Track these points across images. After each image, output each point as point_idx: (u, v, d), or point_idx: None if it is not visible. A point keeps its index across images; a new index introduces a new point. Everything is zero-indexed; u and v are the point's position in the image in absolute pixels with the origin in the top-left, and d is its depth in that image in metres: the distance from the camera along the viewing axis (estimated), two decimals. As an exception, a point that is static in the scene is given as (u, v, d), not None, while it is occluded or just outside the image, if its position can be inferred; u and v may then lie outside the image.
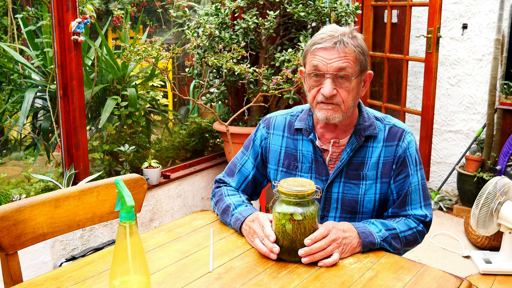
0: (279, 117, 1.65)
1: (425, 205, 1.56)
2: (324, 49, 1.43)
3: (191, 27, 3.14)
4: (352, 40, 1.44)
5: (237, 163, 1.70)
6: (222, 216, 1.57)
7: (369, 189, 1.53)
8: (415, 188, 1.54)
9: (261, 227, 1.38)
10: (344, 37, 1.43)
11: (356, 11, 3.15)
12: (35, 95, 3.11)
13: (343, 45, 1.42)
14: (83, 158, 2.69)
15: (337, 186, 1.54)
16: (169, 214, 3.21)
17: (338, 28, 1.47)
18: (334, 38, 1.43)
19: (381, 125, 1.56)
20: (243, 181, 1.67)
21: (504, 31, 3.69)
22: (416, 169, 1.55)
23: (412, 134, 1.57)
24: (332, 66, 1.42)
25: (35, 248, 2.47)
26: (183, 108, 4.53)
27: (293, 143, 1.60)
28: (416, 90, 4.13)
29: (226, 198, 1.60)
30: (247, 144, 1.70)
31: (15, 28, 3.51)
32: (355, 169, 1.53)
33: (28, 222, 1.38)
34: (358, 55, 1.45)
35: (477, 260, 2.98)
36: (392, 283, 1.23)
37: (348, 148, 1.52)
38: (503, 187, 2.77)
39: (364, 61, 1.47)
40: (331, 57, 1.42)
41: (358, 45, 1.45)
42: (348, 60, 1.43)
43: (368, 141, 1.54)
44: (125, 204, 1.06)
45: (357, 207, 1.54)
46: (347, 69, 1.43)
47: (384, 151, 1.53)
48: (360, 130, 1.53)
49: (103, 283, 1.22)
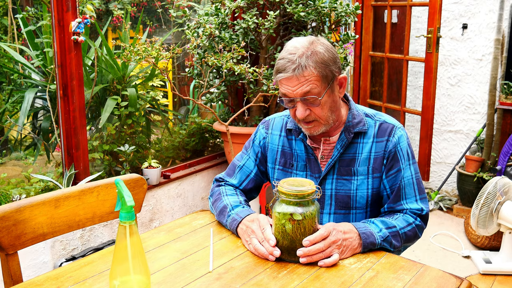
0: (277, 118, 1.71)
1: (420, 199, 1.57)
2: (286, 78, 1.45)
3: (191, 27, 3.14)
4: (310, 59, 1.43)
5: (237, 163, 1.73)
6: (218, 217, 1.58)
7: (361, 185, 1.55)
8: (408, 182, 1.55)
9: (261, 229, 1.38)
10: (302, 59, 1.43)
11: (356, 11, 3.15)
12: (35, 95, 3.11)
13: (301, 70, 1.43)
14: (83, 158, 2.69)
15: (330, 182, 1.57)
16: (169, 214, 3.21)
17: (297, 47, 1.46)
18: (292, 63, 1.43)
19: (371, 122, 1.58)
20: (244, 179, 1.70)
21: (504, 31, 3.69)
22: (409, 163, 1.56)
23: (403, 129, 1.59)
24: (297, 92, 1.45)
25: (35, 248, 2.47)
26: (183, 108, 4.53)
27: (288, 143, 1.65)
28: (416, 90, 4.13)
29: (224, 198, 1.61)
30: (247, 145, 1.74)
31: (15, 28, 3.51)
32: (347, 165, 1.56)
33: (28, 222, 1.38)
34: (320, 73, 1.44)
35: (477, 260, 2.98)
36: (392, 283, 1.23)
37: (338, 145, 1.56)
38: (503, 187, 2.77)
39: (329, 73, 1.46)
40: (293, 84, 1.45)
41: (319, 61, 1.44)
42: (310, 82, 1.44)
43: (358, 137, 1.57)
44: (125, 204, 1.06)
45: (350, 202, 1.56)
46: (312, 91, 1.44)
47: (374, 147, 1.55)
48: (349, 127, 1.56)
49: (103, 283, 1.22)
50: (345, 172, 1.56)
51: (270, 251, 1.32)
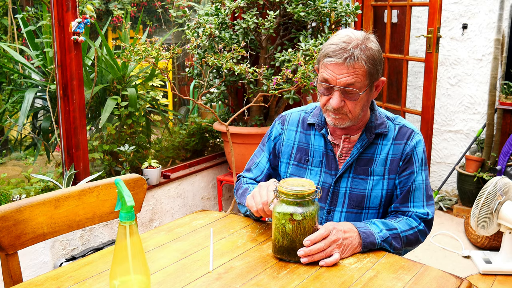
0: (294, 114, 1.72)
1: (427, 205, 1.58)
2: (335, 64, 1.44)
3: (191, 27, 3.14)
4: (364, 53, 1.44)
5: (255, 159, 1.77)
6: (240, 199, 1.65)
7: (377, 185, 1.56)
8: (419, 186, 1.56)
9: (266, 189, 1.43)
10: (356, 50, 1.43)
11: (356, 11, 3.15)
12: (35, 95, 3.11)
13: (353, 61, 1.43)
14: (83, 158, 2.69)
15: (346, 181, 1.58)
16: (169, 214, 3.21)
17: (351, 37, 1.46)
18: (345, 52, 1.43)
19: (391, 125, 1.60)
20: (259, 174, 1.74)
21: (504, 31, 3.69)
22: (422, 169, 1.58)
23: (421, 135, 1.61)
24: (341, 81, 1.45)
25: (35, 248, 2.47)
26: (183, 108, 4.53)
27: (305, 138, 1.66)
28: (416, 90, 4.13)
29: (244, 185, 1.69)
30: (264, 140, 1.78)
31: (15, 28, 3.51)
32: (364, 165, 1.57)
33: (28, 222, 1.38)
34: (369, 69, 1.46)
35: (477, 260, 2.98)
36: (392, 283, 1.23)
37: (358, 144, 1.57)
38: (503, 187, 2.77)
39: (375, 72, 1.49)
40: (340, 72, 1.44)
41: (370, 57, 1.45)
42: (357, 75, 1.44)
43: (378, 139, 1.58)
44: (125, 204, 1.06)
45: (364, 202, 1.57)
46: (355, 84, 1.45)
47: (392, 149, 1.57)
48: (371, 127, 1.57)
49: (103, 283, 1.22)
50: (361, 172, 1.57)
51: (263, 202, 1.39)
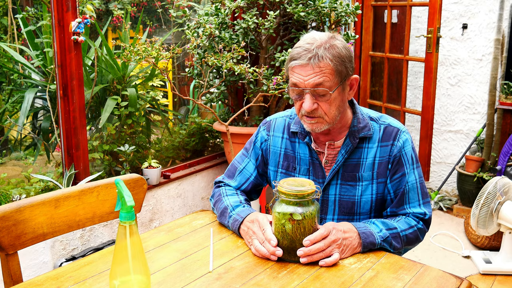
0: (279, 119, 1.66)
1: (424, 203, 1.56)
2: (300, 66, 1.42)
3: (191, 27, 3.14)
4: (328, 52, 1.41)
5: (237, 165, 1.70)
6: (220, 218, 1.57)
7: (366, 190, 1.53)
8: (412, 187, 1.54)
9: (261, 230, 1.38)
10: (319, 50, 1.41)
11: (356, 11, 3.14)
12: (35, 95, 3.11)
13: (317, 60, 1.40)
14: (83, 158, 2.69)
15: (334, 188, 1.55)
16: (169, 214, 3.21)
17: (315, 38, 1.44)
18: (309, 52, 1.41)
19: (376, 126, 1.56)
20: (244, 182, 1.68)
21: (504, 31, 3.69)
22: (413, 168, 1.55)
23: (407, 132, 1.57)
24: (309, 82, 1.42)
25: (35, 248, 2.47)
26: (183, 108, 4.53)
27: (291, 145, 1.61)
28: (416, 90, 4.13)
29: (224, 198, 1.60)
30: (248, 146, 1.71)
31: (15, 28, 3.51)
32: (351, 171, 1.53)
33: (28, 222, 1.38)
34: (336, 66, 1.42)
35: (477, 260, 2.98)
36: (392, 283, 1.23)
37: (343, 150, 1.53)
38: (503, 187, 2.77)
39: (344, 69, 1.45)
40: (307, 73, 1.42)
41: (336, 55, 1.42)
42: (324, 74, 1.41)
43: (363, 142, 1.54)
44: (125, 204, 1.06)
45: (354, 208, 1.54)
46: (324, 83, 1.42)
47: (379, 151, 1.53)
48: (354, 132, 1.53)
49: (103, 283, 1.22)
50: (349, 178, 1.54)
51: (271, 252, 1.32)
